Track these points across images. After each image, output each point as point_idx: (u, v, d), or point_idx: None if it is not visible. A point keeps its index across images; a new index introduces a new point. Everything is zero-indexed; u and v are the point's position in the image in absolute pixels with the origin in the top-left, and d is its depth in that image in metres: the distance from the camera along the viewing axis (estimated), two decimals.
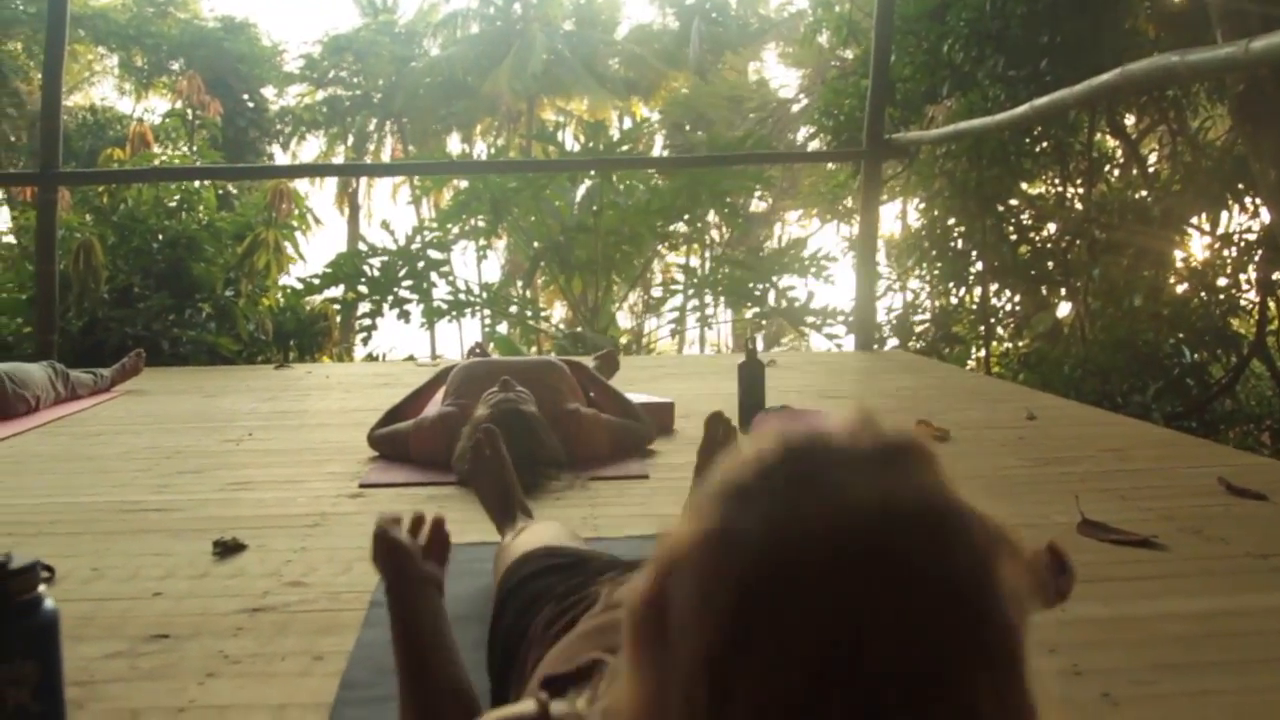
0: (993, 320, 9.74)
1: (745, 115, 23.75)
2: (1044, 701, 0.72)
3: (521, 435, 3.52)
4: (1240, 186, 8.22)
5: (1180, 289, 8.74)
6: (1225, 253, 8.54)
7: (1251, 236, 8.36)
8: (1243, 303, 8.42)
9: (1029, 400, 5.19)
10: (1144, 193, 9.03)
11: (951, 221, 9.59)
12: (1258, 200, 8.12)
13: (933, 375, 6.43)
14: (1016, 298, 9.86)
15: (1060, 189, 9.74)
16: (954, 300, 10.10)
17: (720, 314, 13.51)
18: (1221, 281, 8.39)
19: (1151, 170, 9.75)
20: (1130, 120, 9.94)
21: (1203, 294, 8.35)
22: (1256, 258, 8.25)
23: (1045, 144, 9.17)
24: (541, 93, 28.71)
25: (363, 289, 9.79)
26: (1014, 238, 9.43)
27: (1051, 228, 9.48)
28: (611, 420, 4.06)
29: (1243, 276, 8.38)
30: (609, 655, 1.17)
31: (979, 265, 9.51)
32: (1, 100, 18.86)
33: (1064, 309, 9.80)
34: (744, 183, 11.44)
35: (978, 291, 9.75)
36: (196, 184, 9.77)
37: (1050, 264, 9.37)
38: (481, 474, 2.67)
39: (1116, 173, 9.94)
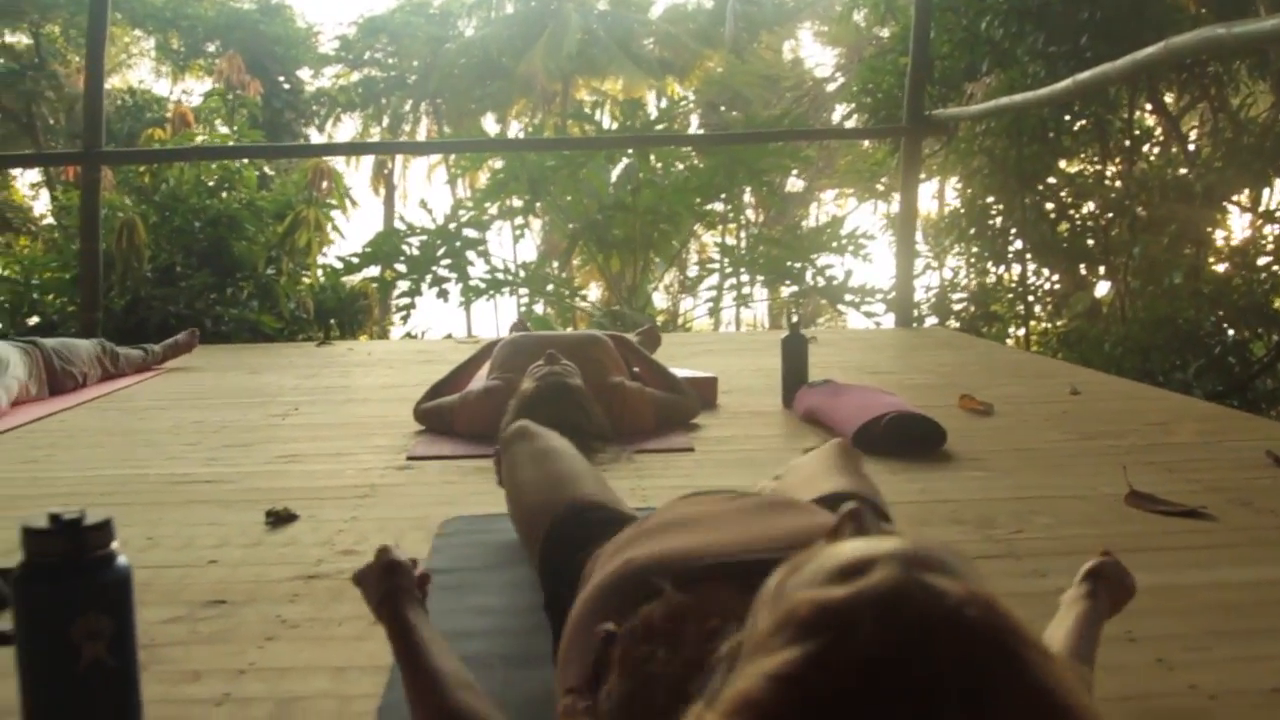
0: (1031, 299, 9.70)
1: (781, 94, 23.66)
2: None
3: (567, 408, 3.54)
4: None
5: (1221, 267, 8.69)
6: (1267, 230, 8.48)
7: None
8: None
9: (1071, 376, 5.16)
10: (1185, 170, 8.97)
11: (990, 199, 9.56)
12: None
13: (973, 351, 6.41)
14: (1055, 276, 9.81)
15: (1100, 167, 9.68)
16: (992, 279, 10.06)
17: (757, 293, 13.48)
18: (1263, 260, 8.33)
19: (1192, 148, 9.67)
20: (1170, 98, 9.87)
21: (1244, 271, 8.29)
22: None
23: (1085, 121, 9.12)
24: (576, 73, 28.63)
25: (401, 268, 9.82)
26: (1053, 216, 9.39)
27: (1091, 206, 9.43)
28: (656, 394, 4.07)
29: None
30: (616, 626, 1.17)
31: (1018, 243, 9.47)
32: (40, 83, 19.00)
33: (1103, 288, 9.75)
34: (781, 161, 11.40)
35: (1016, 270, 9.71)
36: (237, 163, 9.83)
37: (1090, 242, 9.32)
38: None
39: (1157, 150, 9.87)
